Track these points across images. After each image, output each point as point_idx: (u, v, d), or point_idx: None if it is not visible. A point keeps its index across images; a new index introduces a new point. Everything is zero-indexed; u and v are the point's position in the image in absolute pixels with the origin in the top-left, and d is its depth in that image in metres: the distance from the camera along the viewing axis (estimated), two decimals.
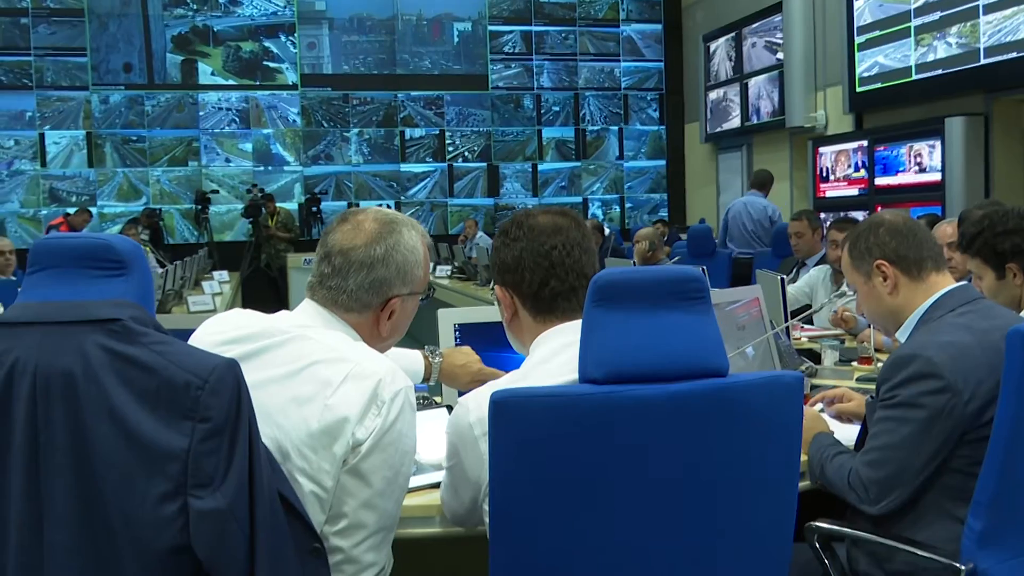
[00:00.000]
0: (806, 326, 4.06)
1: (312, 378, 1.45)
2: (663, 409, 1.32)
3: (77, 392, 1.17)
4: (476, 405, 1.50)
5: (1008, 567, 1.65)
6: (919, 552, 1.71)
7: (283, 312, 1.65)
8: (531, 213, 1.66)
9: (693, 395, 1.32)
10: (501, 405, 1.31)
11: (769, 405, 1.38)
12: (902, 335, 1.94)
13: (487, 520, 1.51)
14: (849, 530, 1.80)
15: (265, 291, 11.29)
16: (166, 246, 11.43)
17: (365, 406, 1.42)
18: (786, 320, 3.23)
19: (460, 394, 2.27)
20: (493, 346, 2.32)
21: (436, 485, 1.81)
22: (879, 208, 8.40)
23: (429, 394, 2.53)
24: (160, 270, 7.10)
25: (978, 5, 7.46)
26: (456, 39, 13.19)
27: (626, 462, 1.33)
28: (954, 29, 7.78)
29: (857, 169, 8.97)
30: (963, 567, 1.65)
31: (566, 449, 1.32)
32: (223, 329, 1.56)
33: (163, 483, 1.16)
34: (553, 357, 1.53)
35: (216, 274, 8.85)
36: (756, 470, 1.40)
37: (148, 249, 9.21)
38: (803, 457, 1.83)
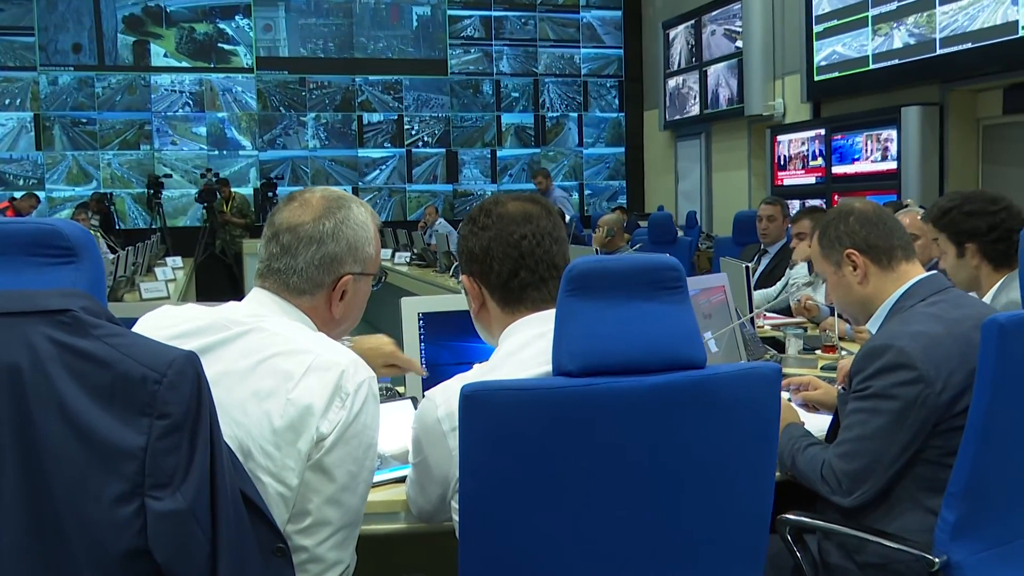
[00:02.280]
0: (769, 314, 4.07)
1: (272, 371, 1.38)
2: (640, 402, 1.28)
3: (24, 388, 1.10)
4: (444, 399, 1.46)
5: (981, 559, 1.65)
6: (891, 544, 1.70)
7: (231, 303, 1.57)
8: (500, 200, 1.60)
9: (671, 388, 1.29)
10: (472, 398, 1.27)
11: (747, 397, 1.35)
12: (873, 325, 1.93)
13: (455, 517, 1.46)
14: (822, 523, 1.79)
15: (220, 277, 11.13)
16: (117, 231, 11.20)
17: (329, 398, 1.36)
18: (751, 308, 3.22)
19: (425, 386, 2.24)
20: (459, 336, 2.27)
21: (401, 480, 1.77)
22: (836, 196, 8.49)
23: (392, 385, 2.48)
24: (111, 256, 6.94)
25: None
26: (415, 23, 13.05)
27: (601, 456, 1.29)
28: (911, 19, 7.85)
29: (815, 157, 9.05)
30: (937, 559, 1.64)
31: (540, 444, 1.27)
32: (171, 323, 1.48)
33: (119, 484, 1.10)
34: (523, 349, 1.48)
35: (169, 260, 8.67)
36: (734, 462, 1.37)
37: (99, 235, 9.01)
38: None
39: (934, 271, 1.92)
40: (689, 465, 1.34)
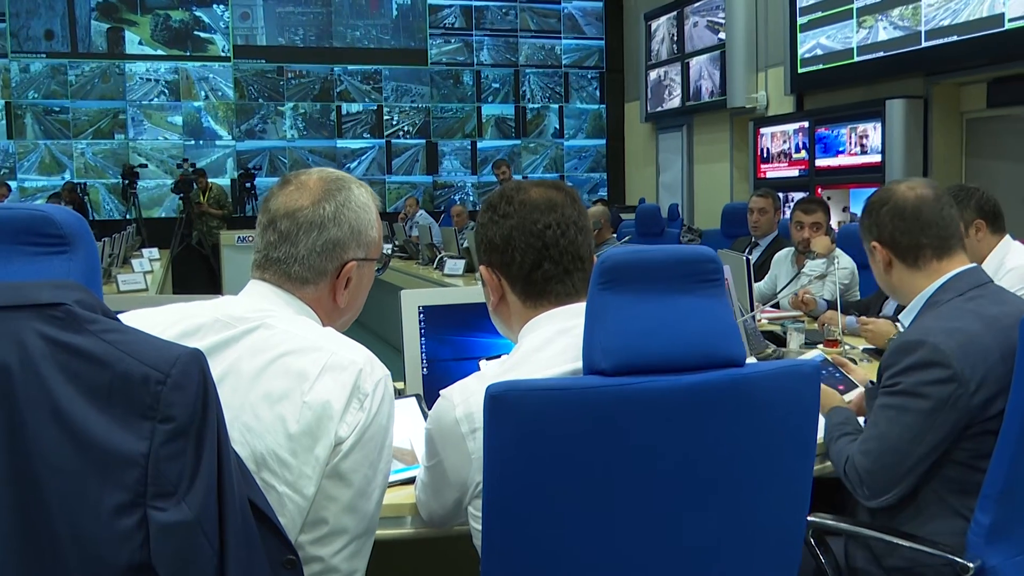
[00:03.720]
0: (767, 308, 4.01)
1: (284, 371, 1.28)
2: (678, 403, 1.20)
3: (14, 389, 1.00)
4: (463, 399, 1.36)
5: (1017, 563, 1.58)
6: (923, 548, 1.63)
7: (226, 297, 1.45)
8: (522, 187, 1.51)
9: (710, 387, 1.21)
10: (499, 399, 1.18)
11: (787, 396, 1.28)
12: (906, 318, 1.86)
13: (473, 524, 1.38)
14: (846, 525, 1.72)
15: (197, 269, 10.98)
16: (91, 222, 10.97)
17: (347, 400, 1.27)
18: (751, 302, 3.15)
19: (425, 383, 2.15)
20: (461, 330, 2.19)
21: (407, 482, 1.68)
22: (819, 189, 8.46)
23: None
24: None
25: None
26: (395, 12, 12.90)
27: (636, 459, 1.21)
28: (896, 12, 7.82)
29: (798, 150, 9.02)
30: (971, 564, 1.57)
31: (571, 447, 1.19)
32: (165, 321, 1.36)
33: (119, 493, 1.00)
34: (547, 345, 1.39)
35: (146, 251, 8.54)
36: (772, 464, 1.29)
37: None
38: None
39: (974, 264, 1.84)
40: (726, 468, 1.26)
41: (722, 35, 10.47)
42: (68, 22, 11.75)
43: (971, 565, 1.58)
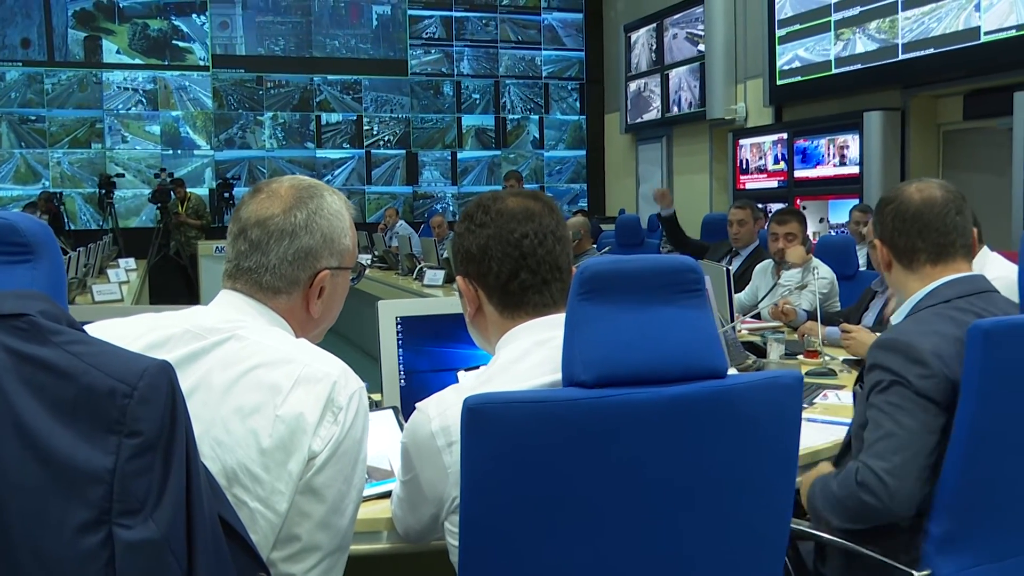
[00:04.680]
0: (746, 318, 4.00)
1: (257, 385, 1.25)
2: (659, 415, 1.18)
3: None
4: (438, 412, 1.34)
5: (970, 575, 1.57)
6: (872, 554, 1.62)
7: (197, 308, 1.42)
8: (499, 196, 1.48)
9: (692, 399, 1.19)
10: (476, 412, 1.15)
11: (770, 407, 1.26)
12: (896, 319, 1.85)
13: (450, 539, 1.35)
14: (815, 531, 1.70)
15: (175, 279, 10.89)
16: (67, 232, 10.89)
17: (321, 413, 1.24)
18: (731, 312, 3.14)
19: (403, 394, 2.12)
20: (439, 341, 2.16)
21: (383, 496, 1.65)
22: (798, 200, 8.51)
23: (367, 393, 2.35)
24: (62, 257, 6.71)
25: (897, 1, 7.57)
26: (375, 23, 12.89)
27: (617, 472, 1.19)
28: (873, 25, 7.88)
29: (777, 161, 9.06)
30: (917, 574, 1.56)
31: (551, 461, 1.17)
32: (134, 331, 1.32)
33: (83, 510, 0.96)
34: (525, 356, 1.37)
35: (122, 261, 8.44)
36: (755, 475, 1.27)
37: None
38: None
39: (973, 273, 1.82)
40: (708, 480, 1.24)
41: (701, 47, 10.52)
42: (45, 30, 11.65)
43: (915, 574, 1.56)
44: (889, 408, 1.63)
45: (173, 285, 10.84)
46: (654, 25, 11.56)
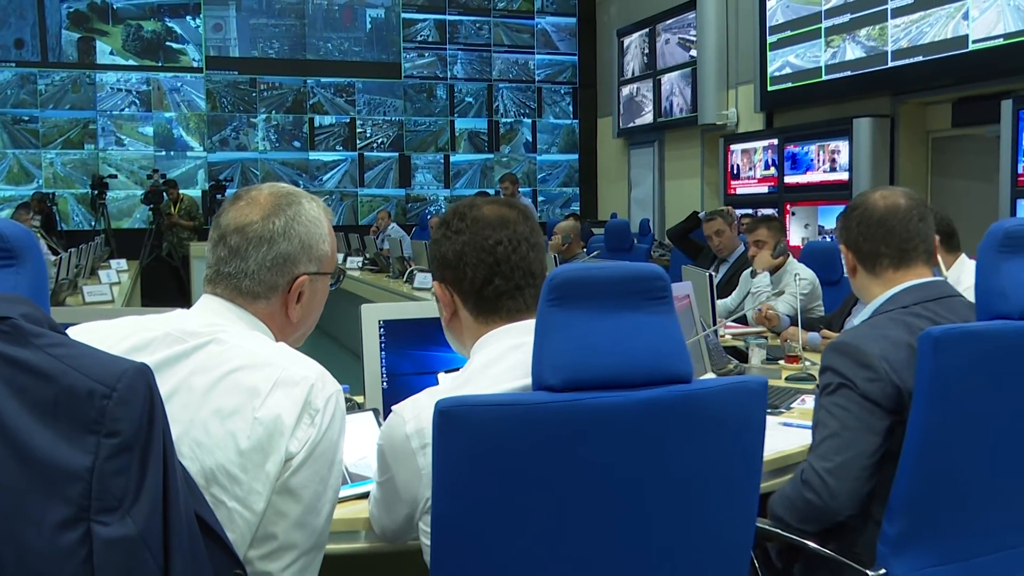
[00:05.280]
0: (730, 323, 4.04)
1: (235, 387, 1.28)
2: (626, 418, 1.21)
3: None
4: (413, 415, 1.37)
5: (926, 575, 1.60)
6: (829, 553, 1.67)
7: (178, 312, 1.45)
8: (475, 203, 1.52)
9: (658, 403, 1.22)
10: (448, 415, 1.19)
11: (735, 411, 1.30)
12: (857, 322, 1.90)
13: (424, 539, 1.38)
14: (780, 531, 1.73)
15: (167, 280, 10.89)
16: (59, 232, 10.89)
17: (298, 415, 1.27)
18: (714, 317, 3.18)
19: (385, 397, 2.15)
20: (421, 345, 2.19)
21: (362, 496, 1.68)
22: (788, 206, 8.56)
23: (350, 395, 2.39)
24: (53, 258, 6.73)
25: (886, 9, 7.63)
26: (368, 25, 12.92)
27: (584, 475, 1.22)
28: (863, 32, 7.94)
29: (767, 167, 9.11)
30: (870, 572, 1.60)
31: (520, 464, 1.20)
32: (116, 334, 1.35)
33: (62, 508, 0.99)
34: (498, 361, 1.40)
35: (114, 262, 8.46)
36: (720, 477, 1.31)
37: (40, 235, 8.74)
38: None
39: (934, 279, 1.86)
40: (674, 482, 1.27)
41: (693, 52, 10.57)
42: (38, 31, 11.66)
43: (870, 573, 1.60)
44: (835, 409, 1.69)
45: (165, 286, 10.84)
46: (647, 30, 11.62)
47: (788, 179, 8.76)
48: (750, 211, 8.33)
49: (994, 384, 1.60)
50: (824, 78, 8.42)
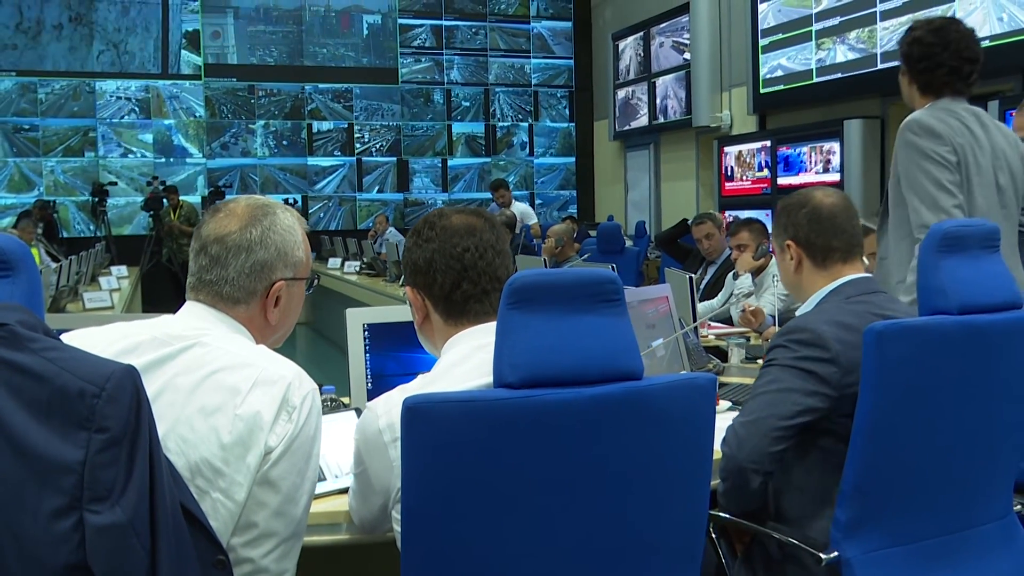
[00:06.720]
0: (713, 324, 4.13)
1: (218, 387, 1.38)
2: (580, 413, 1.30)
3: None
4: (385, 410, 1.47)
5: (873, 558, 1.69)
6: (781, 537, 1.76)
7: (164, 317, 1.56)
8: (444, 213, 1.63)
9: (609, 399, 1.31)
10: (414, 410, 1.28)
11: (683, 407, 1.39)
12: (800, 311, 2.00)
13: (396, 528, 1.47)
14: (744, 521, 1.83)
15: (166, 286, 10.97)
16: (60, 240, 10.99)
17: (276, 412, 1.37)
18: (694, 318, 3.27)
19: (371, 397, 2.24)
20: (405, 347, 2.28)
21: (343, 491, 1.77)
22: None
23: (337, 396, 2.48)
24: (53, 265, 6.82)
25: (875, 12, 7.71)
26: (365, 32, 13.02)
27: (542, 466, 1.31)
28: (853, 34, 8.03)
29: (760, 169, 9.19)
30: (823, 555, 1.68)
31: (482, 455, 1.29)
32: (107, 339, 1.45)
33: (56, 498, 1.09)
34: (465, 360, 1.50)
35: (114, 269, 8.54)
36: (670, 470, 1.40)
37: (41, 243, 8.84)
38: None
39: (866, 274, 1.98)
40: (628, 473, 1.36)
41: (687, 55, 10.66)
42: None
43: (823, 556, 1.68)
44: (768, 375, 1.80)
45: (165, 292, 10.92)
46: (641, 34, 11.70)
47: (781, 180, 8.84)
48: (743, 213, 8.41)
49: (936, 375, 1.68)
50: (815, 80, 8.51)
